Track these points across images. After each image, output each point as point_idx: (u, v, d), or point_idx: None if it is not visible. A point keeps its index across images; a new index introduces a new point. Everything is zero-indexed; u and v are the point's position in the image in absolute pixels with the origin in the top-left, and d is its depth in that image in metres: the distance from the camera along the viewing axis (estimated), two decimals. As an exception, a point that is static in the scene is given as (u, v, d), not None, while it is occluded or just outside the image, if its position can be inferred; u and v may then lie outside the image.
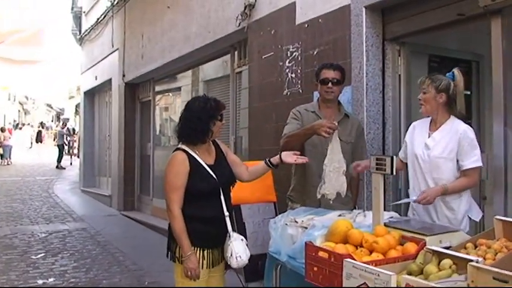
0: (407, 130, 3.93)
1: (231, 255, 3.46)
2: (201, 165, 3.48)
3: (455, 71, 3.62)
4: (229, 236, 3.51)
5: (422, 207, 3.60)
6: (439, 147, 3.56)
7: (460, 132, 3.51)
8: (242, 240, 3.56)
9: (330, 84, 4.11)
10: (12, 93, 44.95)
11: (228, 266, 3.63)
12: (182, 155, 3.47)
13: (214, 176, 3.48)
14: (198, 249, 3.47)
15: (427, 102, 3.60)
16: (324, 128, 3.74)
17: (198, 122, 3.47)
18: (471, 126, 3.65)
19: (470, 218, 3.63)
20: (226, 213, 3.52)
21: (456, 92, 3.57)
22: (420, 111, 3.74)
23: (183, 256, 3.40)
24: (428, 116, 3.72)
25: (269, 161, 3.68)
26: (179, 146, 3.56)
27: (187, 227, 3.41)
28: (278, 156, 3.66)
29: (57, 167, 22.39)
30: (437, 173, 3.55)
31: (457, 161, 3.53)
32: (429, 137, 3.64)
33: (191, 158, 3.47)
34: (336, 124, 3.81)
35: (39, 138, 33.21)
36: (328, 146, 3.84)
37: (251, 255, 3.59)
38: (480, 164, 3.52)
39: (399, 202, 3.55)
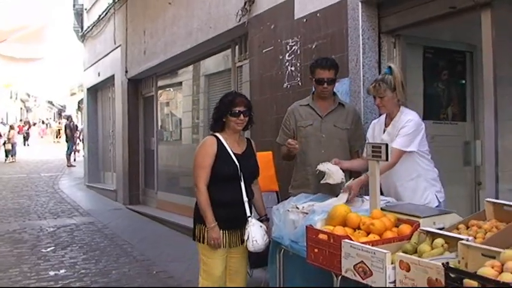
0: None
1: (248, 238, 3.74)
2: (227, 150, 3.82)
3: (392, 65, 3.91)
4: (248, 221, 3.78)
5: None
6: (392, 139, 3.81)
7: (405, 122, 3.77)
8: (261, 226, 3.83)
9: (325, 85, 4.33)
10: (14, 90, 45.06)
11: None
12: (212, 139, 3.86)
13: (236, 162, 3.80)
14: None
15: (387, 103, 3.86)
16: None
17: (215, 112, 3.92)
18: None
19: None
20: (246, 199, 3.81)
21: (396, 83, 3.82)
22: (381, 112, 4.04)
23: (207, 226, 3.71)
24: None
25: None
26: (212, 132, 3.94)
27: None
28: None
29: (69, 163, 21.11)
30: None
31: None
32: (384, 132, 3.94)
33: (219, 143, 3.83)
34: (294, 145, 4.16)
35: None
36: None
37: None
38: (403, 148, 3.73)
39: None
